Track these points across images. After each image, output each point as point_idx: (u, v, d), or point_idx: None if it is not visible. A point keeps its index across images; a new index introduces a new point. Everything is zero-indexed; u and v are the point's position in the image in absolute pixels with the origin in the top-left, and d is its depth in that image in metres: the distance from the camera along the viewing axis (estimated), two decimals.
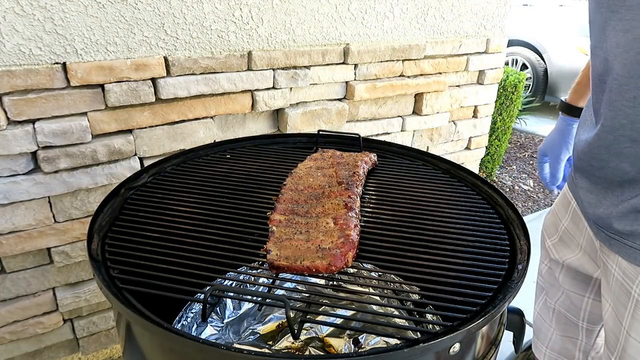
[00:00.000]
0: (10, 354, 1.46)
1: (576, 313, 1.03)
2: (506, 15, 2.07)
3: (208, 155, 1.21)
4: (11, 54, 1.17)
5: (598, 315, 1.00)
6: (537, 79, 5.36)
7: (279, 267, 0.75)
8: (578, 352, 1.06)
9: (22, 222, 1.30)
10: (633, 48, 0.64)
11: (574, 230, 0.96)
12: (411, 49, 1.83)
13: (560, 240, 1.00)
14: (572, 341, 1.06)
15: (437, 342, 0.62)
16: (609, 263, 0.81)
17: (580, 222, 0.93)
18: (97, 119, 1.32)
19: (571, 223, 0.96)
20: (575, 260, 0.97)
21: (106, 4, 1.24)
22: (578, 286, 1.00)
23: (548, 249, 1.05)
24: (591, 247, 0.90)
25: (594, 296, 0.99)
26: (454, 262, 0.81)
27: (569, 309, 1.03)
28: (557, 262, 1.03)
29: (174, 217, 0.91)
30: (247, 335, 1.15)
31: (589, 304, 1.00)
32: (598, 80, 0.75)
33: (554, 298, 1.06)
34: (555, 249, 1.02)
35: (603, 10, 0.69)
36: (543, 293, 1.11)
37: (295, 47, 1.59)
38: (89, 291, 1.49)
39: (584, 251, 0.93)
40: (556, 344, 1.09)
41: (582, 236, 0.93)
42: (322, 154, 1.16)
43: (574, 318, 1.03)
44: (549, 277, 1.08)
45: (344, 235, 0.81)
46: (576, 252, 0.95)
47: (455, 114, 2.13)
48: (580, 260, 0.95)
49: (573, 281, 1.01)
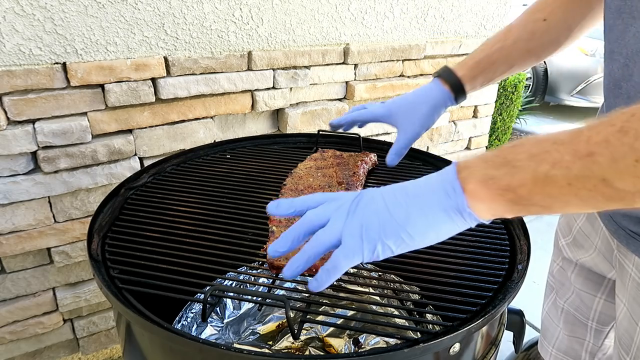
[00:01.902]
0: (10, 354, 1.46)
1: (586, 313, 1.02)
2: (506, 15, 2.07)
3: (208, 155, 1.21)
4: (11, 54, 1.17)
5: (608, 316, 1.00)
6: (537, 79, 5.37)
7: (279, 267, 0.75)
8: (585, 352, 1.06)
9: (22, 222, 1.31)
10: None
11: (589, 230, 0.95)
12: (411, 49, 1.83)
13: (574, 239, 1.00)
14: (579, 341, 1.06)
15: (437, 342, 0.62)
16: (625, 263, 0.80)
17: (595, 222, 0.93)
18: (97, 119, 1.32)
19: (586, 223, 0.96)
20: (589, 260, 0.96)
21: (106, 4, 1.24)
22: (590, 286, 1.00)
23: (562, 248, 1.05)
24: (606, 247, 0.90)
25: (605, 297, 0.98)
26: (454, 262, 0.80)
27: (578, 308, 1.03)
28: (570, 261, 1.03)
29: (174, 217, 0.91)
30: (247, 335, 1.15)
31: (600, 304, 1.00)
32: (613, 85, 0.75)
33: (564, 297, 1.06)
34: (569, 248, 1.02)
35: (625, 16, 0.68)
36: (553, 292, 1.10)
37: (295, 47, 1.59)
38: (89, 291, 1.49)
39: (599, 251, 0.93)
40: (563, 343, 1.08)
41: (598, 236, 0.92)
42: (322, 153, 1.16)
43: (583, 318, 1.03)
44: (560, 277, 1.07)
45: None
46: (590, 252, 0.95)
47: (455, 114, 2.13)
48: (595, 260, 0.95)
49: (585, 281, 1.00)
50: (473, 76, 0.94)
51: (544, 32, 0.90)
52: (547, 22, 0.89)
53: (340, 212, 0.54)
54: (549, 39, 0.90)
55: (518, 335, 0.91)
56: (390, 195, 0.53)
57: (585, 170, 0.42)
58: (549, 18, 0.89)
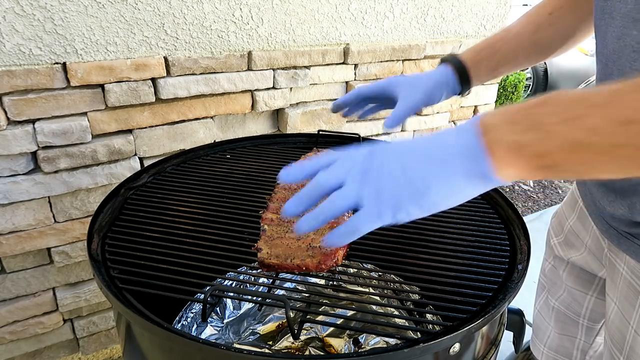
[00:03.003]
0: (10, 354, 1.46)
1: (577, 311, 1.03)
2: (506, 15, 2.07)
3: (208, 155, 1.21)
4: (11, 54, 1.17)
5: (600, 313, 1.00)
6: (537, 79, 5.37)
7: (270, 265, 0.75)
8: (576, 350, 1.06)
9: (22, 222, 1.31)
10: (624, 54, 0.65)
11: (579, 229, 0.96)
12: (411, 49, 1.83)
13: (565, 238, 1.01)
14: (570, 340, 1.06)
15: (437, 342, 0.62)
16: (617, 262, 0.81)
17: (586, 221, 0.93)
18: (97, 119, 1.32)
19: (577, 222, 0.97)
20: (580, 259, 0.97)
21: (106, 4, 1.24)
22: (581, 284, 1.01)
23: (553, 246, 1.05)
24: (597, 246, 0.91)
25: (597, 294, 0.99)
26: (454, 262, 0.81)
27: (569, 306, 1.04)
28: (561, 260, 1.03)
29: (174, 217, 0.91)
30: (247, 335, 1.15)
31: (592, 302, 1.00)
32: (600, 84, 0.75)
33: (556, 296, 1.07)
34: (561, 247, 1.03)
35: (606, 17, 0.69)
36: (545, 291, 1.11)
37: (295, 47, 1.59)
38: (89, 291, 1.49)
39: (589, 250, 0.93)
40: (554, 342, 1.09)
41: (588, 235, 0.93)
42: (317, 153, 1.17)
43: (574, 316, 1.04)
44: (551, 275, 1.08)
45: None
46: (581, 251, 0.96)
47: (455, 114, 2.13)
48: (585, 258, 0.95)
49: (577, 279, 1.01)
50: (476, 60, 0.93)
51: (549, 25, 0.90)
52: (552, 16, 0.89)
53: (353, 173, 0.51)
54: (553, 33, 0.90)
55: (518, 335, 0.91)
56: (406, 156, 0.50)
57: (625, 138, 0.40)
58: (554, 12, 0.89)
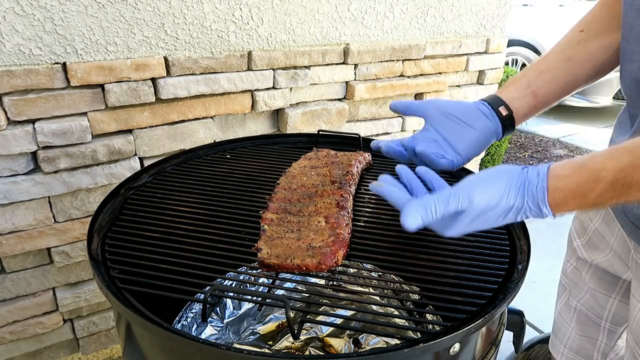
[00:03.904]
0: (10, 354, 1.46)
1: (599, 313, 1.02)
2: (506, 15, 2.07)
3: (208, 155, 1.21)
4: (11, 54, 1.17)
5: (622, 317, 1.00)
6: None
7: (269, 265, 0.75)
8: (597, 352, 1.06)
9: (22, 222, 1.31)
10: None
11: (604, 231, 0.96)
12: (411, 49, 1.83)
13: (589, 240, 1.00)
14: (591, 342, 1.06)
15: (437, 342, 0.62)
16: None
17: (612, 223, 0.93)
18: (97, 119, 1.32)
19: (602, 223, 0.96)
20: (604, 261, 0.97)
21: (106, 4, 1.24)
22: (605, 286, 1.00)
23: (576, 248, 1.05)
24: (623, 248, 0.91)
25: (620, 297, 0.99)
26: (454, 262, 0.81)
27: (591, 308, 1.03)
28: (584, 262, 1.03)
29: (174, 217, 0.91)
30: (247, 335, 1.15)
31: (615, 304, 1.00)
32: (635, 85, 0.75)
33: (577, 297, 1.06)
34: (584, 249, 1.02)
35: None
36: (566, 292, 1.10)
37: (295, 47, 1.59)
38: (89, 291, 1.49)
39: (615, 252, 0.93)
40: (574, 343, 1.09)
41: (614, 237, 0.93)
42: (316, 153, 1.16)
43: (596, 318, 1.03)
44: (573, 276, 1.07)
45: (335, 234, 0.81)
46: (606, 253, 0.95)
47: None
48: (610, 260, 0.95)
49: (600, 281, 1.00)
50: (520, 106, 0.87)
51: (580, 41, 0.89)
52: (584, 33, 0.89)
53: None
54: (585, 50, 0.89)
55: (518, 335, 0.91)
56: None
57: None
58: (586, 29, 0.89)
